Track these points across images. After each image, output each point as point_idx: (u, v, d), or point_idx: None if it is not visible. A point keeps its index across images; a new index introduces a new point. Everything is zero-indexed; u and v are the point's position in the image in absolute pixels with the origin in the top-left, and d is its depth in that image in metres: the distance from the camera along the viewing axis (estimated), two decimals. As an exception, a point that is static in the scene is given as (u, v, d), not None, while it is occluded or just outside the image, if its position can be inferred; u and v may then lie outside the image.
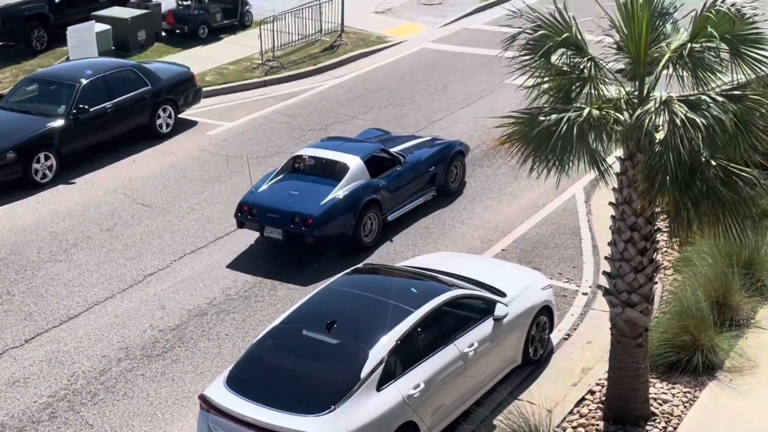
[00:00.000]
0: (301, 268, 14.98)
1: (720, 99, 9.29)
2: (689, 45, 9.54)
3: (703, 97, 9.38)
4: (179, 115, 20.83)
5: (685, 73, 9.68)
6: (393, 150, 16.54)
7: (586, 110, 9.47)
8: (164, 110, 20.38)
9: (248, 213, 15.33)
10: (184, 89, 21.00)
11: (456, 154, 17.23)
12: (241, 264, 15.19)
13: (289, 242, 15.21)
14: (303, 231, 14.84)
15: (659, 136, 9.37)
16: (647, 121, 9.26)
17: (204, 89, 22.11)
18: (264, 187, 15.68)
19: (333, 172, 15.57)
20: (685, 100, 9.36)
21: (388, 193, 15.81)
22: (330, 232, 14.97)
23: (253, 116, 21.52)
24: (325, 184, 15.32)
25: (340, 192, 15.16)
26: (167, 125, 20.48)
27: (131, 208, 17.17)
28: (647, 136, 9.34)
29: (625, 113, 9.75)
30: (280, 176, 15.87)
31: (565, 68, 9.85)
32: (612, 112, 9.67)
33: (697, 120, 9.02)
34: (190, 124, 21.08)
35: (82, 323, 13.60)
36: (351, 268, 12.61)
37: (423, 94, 22.62)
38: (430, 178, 16.61)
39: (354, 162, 15.50)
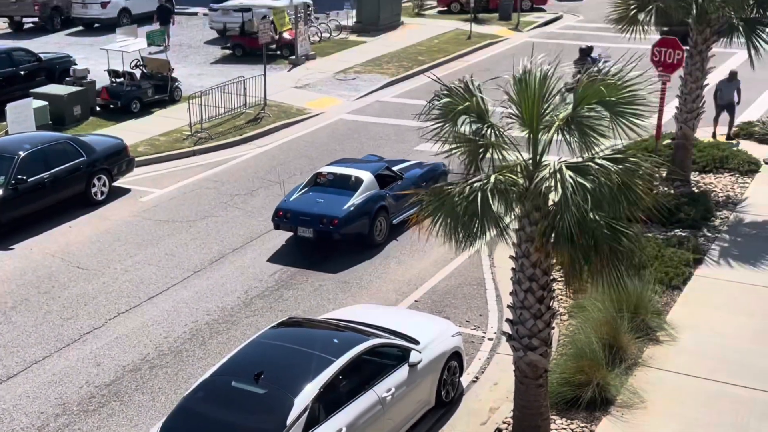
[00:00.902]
0: (231, 325, 14.78)
1: (604, 164, 9.55)
2: (575, 112, 9.84)
3: (590, 163, 9.64)
4: (113, 184, 20.51)
5: (572, 138, 9.95)
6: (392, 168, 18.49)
7: (492, 179, 9.65)
8: (99, 179, 20.06)
9: (284, 217, 17.28)
10: (118, 159, 20.72)
11: (442, 173, 18.76)
12: (172, 321, 14.92)
13: (319, 239, 17.13)
14: (330, 229, 16.82)
15: (553, 197, 9.59)
16: (542, 186, 9.49)
17: (137, 159, 21.86)
18: (295, 196, 17.66)
19: (350, 184, 17.49)
20: (574, 167, 9.59)
21: (393, 202, 17.59)
22: (351, 231, 16.91)
23: (183, 183, 21.32)
24: (344, 194, 17.24)
25: (357, 199, 17.14)
26: (102, 193, 20.14)
27: (68, 271, 16.76)
28: (542, 198, 9.55)
29: (522, 178, 9.97)
30: (306, 189, 17.82)
31: (470, 135, 10.05)
32: (511, 177, 9.87)
33: (586, 184, 9.27)
34: (124, 191, 20.77)
35: (20, 382, 13.13)
36: (276, 322, 12.49)
37: (340, 160, 22.72)
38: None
39: (367, 176, 17.53)
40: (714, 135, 22.60)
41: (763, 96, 26.85)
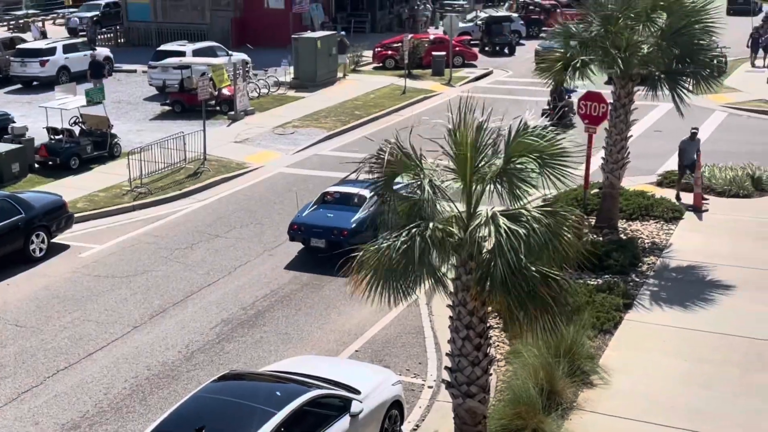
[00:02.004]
0: (172, 380, 14.49)
1: (535, 213, 9.72)
2: (506, 165, 10.01)
3: (522, 210, 9.80)
4: (52, 240, 20.11)
5: (504, 189, 10.12)
6: None
7: (429, 230, 9.73)
8: (37, 236, 19.64)
9: (298, 230, 19.19)
10: (57, 216, 20.34)
11: None
12: (112, 377, 14.57)
13: (330, 249, 18.32)
14: (341, 240, 18.22)
15: (487, 245, 9.70)
16: (477, 234, 9.60)
17: (76, 215, 21.49)
18: (306, 212, 19.56)
19: (355, 201, 19.16)
20: (507, 214, 9.75)
21: None
22: (359, 241, 17.14)
23: (123, 238, 21.00)
24: (350, 210, 19.02)
25: (362, 214, 18.59)
26: (40, 250, 19.72)
27: (5, 329, 16.29)
28: (477, 248, 9.65)
29: (458, 228, 10.07)
30: (316, 206, 19.69)
31: (406, 192, 10.15)
32: (447, 228, 9.97)
33: (519, 230, 9.40)
34: (63, 248, 20.36)
35: (-45, 444, 12.65)
36: (217, 375, 12.28)
37: (280, 213, 22.66)
38: None
39: (369, 193, 18.27)
40: (678, 197, 21.93)
41: (684, 146, 27.60)
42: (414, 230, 9.72)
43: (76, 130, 27.24)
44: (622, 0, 18.47)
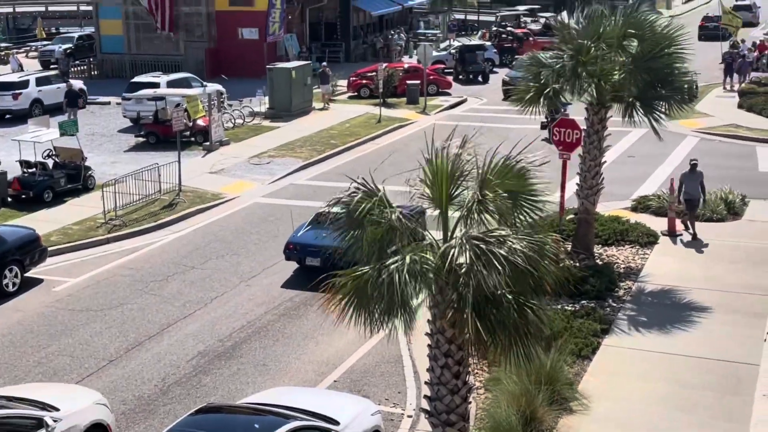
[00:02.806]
0: (148, 414, 14.32)
1: (512, 237, 9.75)
2: (481, 194, 10.06)
3: (498, 234, 9.83)
4: (26, 275, 19.90)
5: (481, 216, 10.15)
6: None
7: (407, 259, 9.72)
8: (10, 270, 19.42)
9: (294, 249, 19.82)
10: (30, 250, 20.14)
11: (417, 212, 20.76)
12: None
13: (325, 269, 17.13)
14: (335, 259, 17.03)
15: (464, 273, 9.70)
16: (451, 255, 9.59)
17: (50, 248, 21.29)
18: (301, 232, 20.09)
19: None
20: (481, 237, 9.76)
21: None
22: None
23: (98, 271, 20.82)
24: None
25: None
26: (13, 284, 19.49)
27: (-22, 365, 16.06)
28: (453, 274, 9.65)
29: (433, 255, 10.07)
30: (310, 226, 20.03)
31: (378, 220, 10.15)
32: (422, 255, 9.97)
33: (495, 250, 9.40)
34: (37, 282, 20.15)
35: (-74, 484, 12.38)
36: (194, 409, 12.16)
37: (256, 243, 22.59)
38: None
39: None
40: (687, 228, 21.18)
41: (657, 171, 27.90)
42: (391, 264, 9.69)
43: (50, 163, 27.08)
44: (592, 30, 18.71)
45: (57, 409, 12.20)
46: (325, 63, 44.00)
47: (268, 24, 47.09)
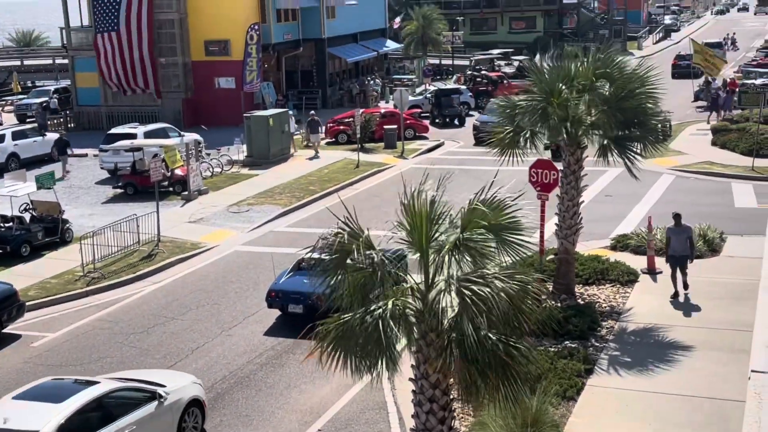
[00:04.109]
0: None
1: (496, 277, 9.74)
2: (461, 236, 10.07)
3: (483, 271, 9.82)
4: (3, 331, 19.65)
5: (462, 258, 10.15)
6: None
7: (389, 305, 9.69)
8: (-13, 326, 19.21)
9: (276, 297, 19.63)
10: (7, 305, 19.90)
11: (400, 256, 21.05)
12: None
13: (308, 315, 18.17)
14: (318, 305, 17.02)
15: (448, 316, 9.69)
16: (434, 298, 9.58)
17: (27, 303, 21.05)
18: (283, 279, 20.00)
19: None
20: (465, 277, 9.74)
21: None
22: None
23: (77, 325, 20.59)
24: None
25: None
26: (-9, 340, 19.27)
27: (-46, 425, 15.73)
28: (437, 318, 9.63)
29: (416, 300, 10.05)
30: (292, 273, 20.10)
31: (360, 265, 10.15)
32: (404, 300, 9.95)
33: (482, 290, 9.37)
34: (14, 338, 19.89)
35: None
36: None
37: (237, 291, 22.45)
38: None
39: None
40: (676, 294, 19.77)
41: (634, 210, 28.12)
42: (374, 310, 9.67)
43: (27, 216, 26.90)
44: (564, 72, 18.94)
45: (164, 386, 14.60)
46: (313, 111, 44.08)
47: (245, 73, 47.42)
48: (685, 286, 19.98)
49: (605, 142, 19.24)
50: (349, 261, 10.13)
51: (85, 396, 13.31)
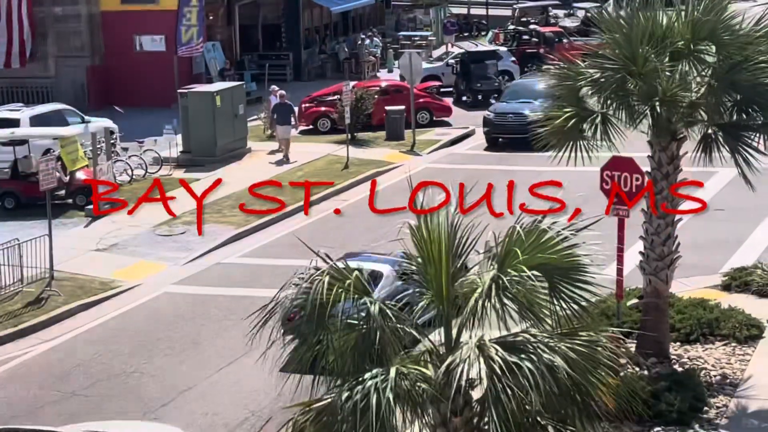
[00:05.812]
0: None
1: (546, 339, 9.75)
2: (499, 273, 10.08)
3: (525, 335, 9.82)
4: None
5: (500, 310, 10.16)
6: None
7: (392, 374, 9.68)
8: None
9: None
10: None
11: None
12: None
13: None
14: None
15: (477, 392, 9.67)
16: (459, 372, 9.56)
17: None
18: None
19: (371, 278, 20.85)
20: (502, 341, 9.76)
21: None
22: None
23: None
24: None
25: (381, 293, 18.49)
26: None
27: None
28: (463, 397, 9.63)
29: (432, 367, 10.04)
30: None
31: (354, 321, 10.18)
32: (417, 369, 9.95)
33: (522, 364, 9.39)
34: None
35: None
36: None
37: (168, 354, 22.43)
38: None
39: (386, 269, 21.81)
40: None
41: (758, 230, 28.07)
42: (369, 382, 9.66)
43: None
44: (649, 29, 18.83)
45: None
46: (275, 87, 42.44)
47: (180, 29, 47.44)
48: None
49: (710, 131, 19.23)
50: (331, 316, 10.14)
51: None
